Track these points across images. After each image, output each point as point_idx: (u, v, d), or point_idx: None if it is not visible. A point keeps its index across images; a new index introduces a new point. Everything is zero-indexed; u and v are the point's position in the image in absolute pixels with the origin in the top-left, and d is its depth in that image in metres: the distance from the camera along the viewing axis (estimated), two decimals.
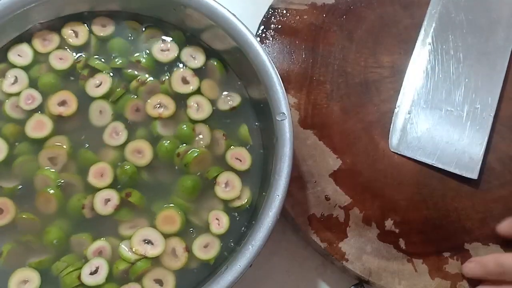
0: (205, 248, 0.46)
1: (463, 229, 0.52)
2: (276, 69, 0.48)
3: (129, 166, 0.47)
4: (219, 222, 0.47)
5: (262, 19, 0.61)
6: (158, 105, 0.50)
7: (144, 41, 0.53)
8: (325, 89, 0.58)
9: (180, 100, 0.51)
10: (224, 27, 0.51)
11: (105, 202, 0.46)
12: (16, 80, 0.50)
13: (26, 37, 0.52)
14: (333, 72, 0.59)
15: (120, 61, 0.51)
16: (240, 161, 0.49)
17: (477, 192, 0.54)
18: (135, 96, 0.50)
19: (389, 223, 0.52)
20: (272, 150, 0.48)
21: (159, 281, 0.46)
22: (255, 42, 0.50)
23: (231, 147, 0.50)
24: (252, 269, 0.51)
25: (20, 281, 0.44)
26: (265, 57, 0.49)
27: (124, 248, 0.46)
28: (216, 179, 0.48)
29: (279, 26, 0.61)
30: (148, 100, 0.50)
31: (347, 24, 0.61)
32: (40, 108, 0.49)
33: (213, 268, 0.47)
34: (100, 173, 0.47)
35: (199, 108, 0.50)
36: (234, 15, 0.50)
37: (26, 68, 0.50)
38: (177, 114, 0.51)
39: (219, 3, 0.50)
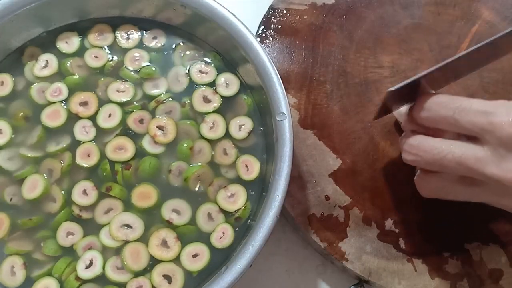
0: (194, 258, 0.47)
1: (463, 229, 0.52)
2: (276, 69, 0.48)
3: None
4: (224, 235, 0.47)
5: (262, 19, 0.61)
6: (159, 128, 0.50)
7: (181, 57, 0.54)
8: (325, 89, 0.58)
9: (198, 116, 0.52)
10: (224, 27, 0.51)
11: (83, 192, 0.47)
12: (46, 65, 0.51)
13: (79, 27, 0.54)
14: (333, 72, 0.59)
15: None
16: (248, 169, 0.49)
17: None
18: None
19: (389, 223, 0.52)
20: (272, 150, 0.48)
21: (168, 277, 0.46)
22: (255, 42, 0.50)
23: (241, 155, 0.50)
24: (252, 269, 0.51)
25: None
26: (265, 57, 0.49)
27: (104, 236, 0.46)
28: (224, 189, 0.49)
29: (279, 26, 0.61)
30: (153, 120, 0.50)
31: (347, 24, 0.61)
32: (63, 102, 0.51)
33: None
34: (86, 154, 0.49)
35: (213, 127, 0.50)
36: (234, 15, 0.50)
37: (63, 56, 0.52)
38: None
39: (219, 3, 0.50)
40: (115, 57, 0.53)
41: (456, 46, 0.59)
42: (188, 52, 0.54)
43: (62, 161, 0.48)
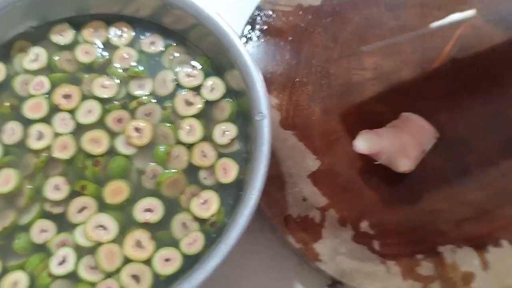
0: (166, 262, 0.47)
1: (438, 232, 0.52)
2: (257, 69, 0.49)
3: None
4: (194, 242, 0.48)
5: (248, 19, 0.62)
6: (135, 130, 0.50)
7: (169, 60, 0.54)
8: (308, 90, 0.58)
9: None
10: (209, 27, 0.51)
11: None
12: (37, 58, 0.52)
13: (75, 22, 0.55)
14: (316, 73, 0.59)
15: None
16: (226, 172, 0.50)
17: (454, 195, 0.54)
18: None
19: (364, 225, 0.53)
20: (251, 149, 0.49)
21: (136, 277, 0.46)
22: (238, 42, 0.50)
23: (220, 158, 0.50)
24: (230, 268, 0.52)
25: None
26: (247, 56, 0.50)
27: (79, 235, 0.47)
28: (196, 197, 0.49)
29: (265, 27, 0.61)
30: (131, 121, 0.51)
31: (332, 26, 0.62)
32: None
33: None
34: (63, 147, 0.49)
35: (191, 131, 0.51)
36: (219, 15, 0.51)
37: (55, 49, 0.53)
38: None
39: (204, 3, 0.51)
40: (106, 54, 0.54)
41: (440, 48, 0.60)
42: (178, 55, 0.54)
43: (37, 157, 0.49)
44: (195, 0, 0.51)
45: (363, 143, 0.51)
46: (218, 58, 0.53)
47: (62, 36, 0.53)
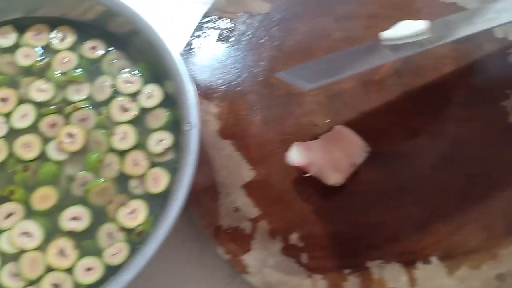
0: (87, 271, 0.47)
1: (368, 246, 0.52)
2: (190, 79, 0.49)
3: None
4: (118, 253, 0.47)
5: (195, 26, 0.61)
6: (68, 135, 0.50)
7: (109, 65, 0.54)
8: (249, 100, 0.58)
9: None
10: (145, 33, 0.52)
11: None
12: None
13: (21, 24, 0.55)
14: (258, 83, 0.59)
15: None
16: (156, 182, 0.49)
17: (387, 209, 0.53)
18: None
19: (294, 237, 0.53)
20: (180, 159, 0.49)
21: (57, 286, 0.46)
22: (172, 50, 0.50)
23: (152, 168, 0.50)
24: (162, 277, 0.52)
25: None
26: (180, 65, 0.50)
27: (4, 241, 0.47)
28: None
29: (211, 34, 0.61)
30: (64, 127, 0.51)
31: (278, 35, 0.61)
32: None
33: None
34: None
35: (124, 138, 0.51)
36: (153, 24, 0.51)
37: None
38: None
39: (145, 10, 0.52)
40: (46, 58, 0.54)
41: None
42: (118, 61, 0.54)
43: None
44: (132, 6, 0.52)
45: (294, 155, 0.51)
46: (156, 66, 0.52)
47: (6, 38, 0.53)
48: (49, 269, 0.47)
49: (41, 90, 0.52)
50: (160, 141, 0.51)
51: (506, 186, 0.53)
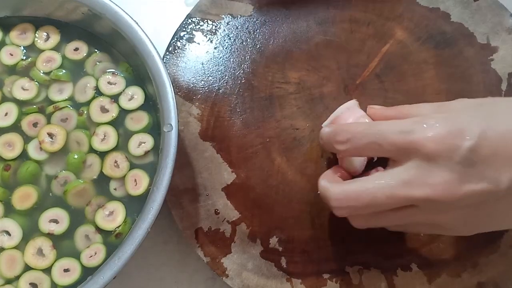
0: (65, 272, 0.47)
1: (347, 252, 0.52)
2: (170, 80, 0.49)
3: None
4: (95, 254, 0.47)
5: (178, 27, 0.61)
6: (49, 135, 0.50)
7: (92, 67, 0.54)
8: (230, 102, 0.58)
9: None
10: (127, 34, 0.51)
11: None
12: None
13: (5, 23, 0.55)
14: (240, 85, 0.59)
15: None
16: (136, 184, 0.49)
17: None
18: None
19: (273, 241, 0.52)
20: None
21: (35, 285, 0.46)
22: (153, 51, 0.50)
23: (132, 169, 0.50)
24: (143, 279, 0.52)
25: None
26: (161, 67, 0.49)
27: None
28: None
29: (193, 36, 0.61)
30: (45, 126, 0.51)
31: (260, 38, 0.61)
32: None
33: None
34: None
35: (104, 139, 0.51)
36: (137, 24, 0.51)
37: None
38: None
39: (126, 13, 0.51)
40: (30, 57, 0.54)
41: (365, 65, 0.59)
42: (102, 62, 0.54)
43: None
44: (116, 8, 0.51)
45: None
46: (139, 68, 0.52)
47: None
48: (27, 268, 0.47)
49: (24, 89, 0.52)
50: (141, 143, 0.51)
51: None
